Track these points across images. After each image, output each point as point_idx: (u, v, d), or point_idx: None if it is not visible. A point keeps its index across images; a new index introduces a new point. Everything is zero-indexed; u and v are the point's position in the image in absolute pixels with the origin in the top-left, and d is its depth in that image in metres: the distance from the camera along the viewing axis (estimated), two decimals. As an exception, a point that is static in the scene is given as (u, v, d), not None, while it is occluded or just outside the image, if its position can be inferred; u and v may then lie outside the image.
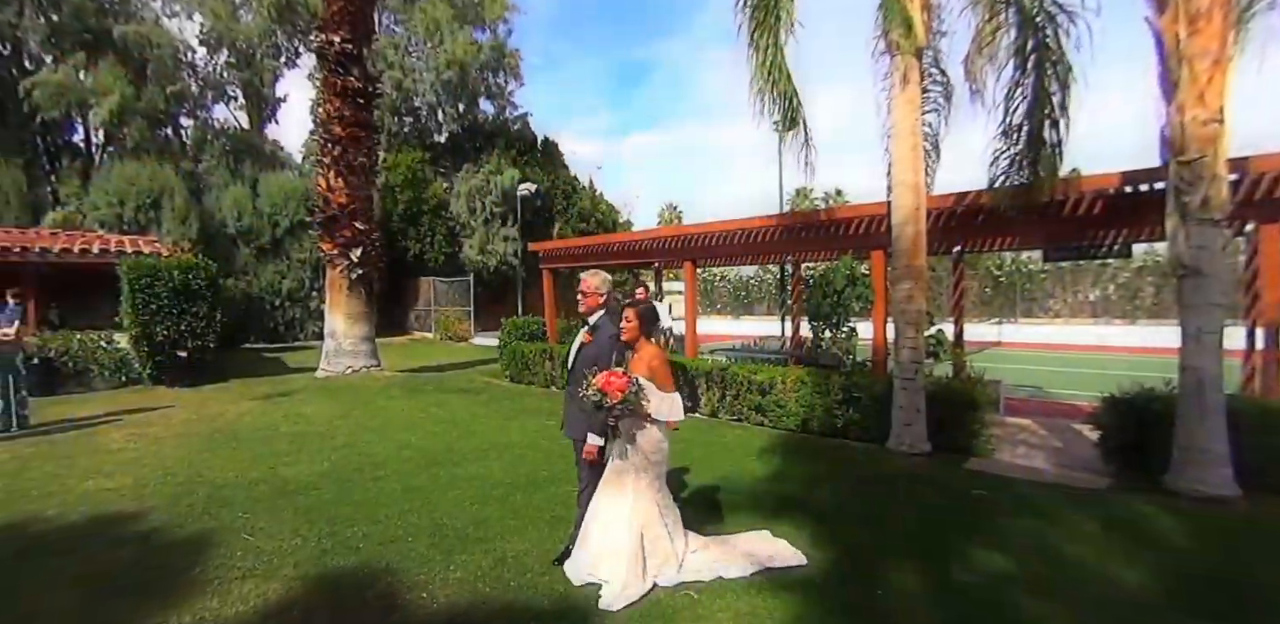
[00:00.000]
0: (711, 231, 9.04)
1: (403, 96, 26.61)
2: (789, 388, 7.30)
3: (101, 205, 18.88)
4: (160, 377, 11.10)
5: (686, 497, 5.00)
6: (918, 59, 6.25)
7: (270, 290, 20.70)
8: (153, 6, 24.17)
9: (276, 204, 20.97)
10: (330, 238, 12.11)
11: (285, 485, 5.45)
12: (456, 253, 24.65)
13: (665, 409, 3.51)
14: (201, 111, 25.22)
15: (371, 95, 12.85)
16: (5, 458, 6.52)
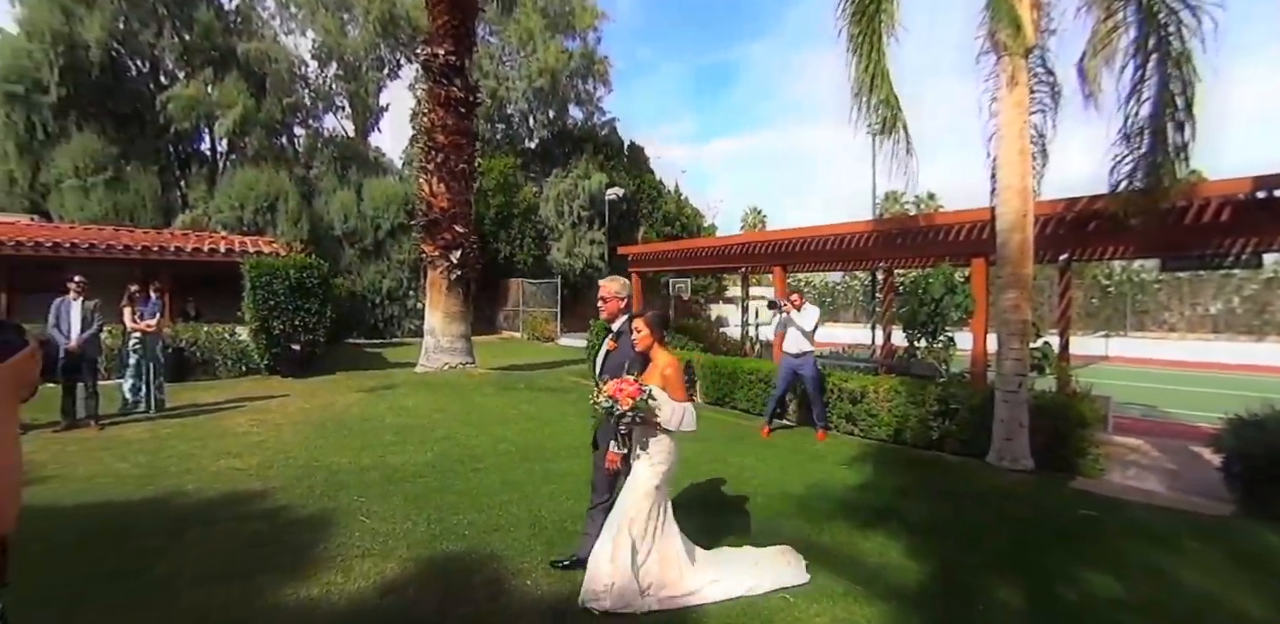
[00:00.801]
0: (803, 237, 8.99)
1: (496, 104, 27.61)
2: (881, 397, 7.18)
3: (225, 208, 20.49)
4: (276, 367, 11.95)
5: (777, 502, 5.02)
6: (1025, 59, 6.04)
7: (372, 289, 21.87)
8: (272, 25, 26.01)
9: (379, 208, 22.17)
10: (432, 241, 12.70)
11: (394, 473, 5.79)
12: (545, 255, 25.36)
13: (677, 419, 3.38)
14: (313, 121, 26.92)
15: (472, 104, 13.40)
16: (146, 437, 7.19)
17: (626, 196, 25.10)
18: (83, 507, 4.82)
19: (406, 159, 27.51)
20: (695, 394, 9.74)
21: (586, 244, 25.63)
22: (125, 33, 21.20)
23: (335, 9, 26.00)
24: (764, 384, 8.50)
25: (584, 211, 25.91)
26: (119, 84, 21.46)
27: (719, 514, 4.71)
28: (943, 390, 6.78)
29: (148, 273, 12.48)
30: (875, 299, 16.49)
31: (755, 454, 6.52)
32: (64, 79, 19.58)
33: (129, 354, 8.58)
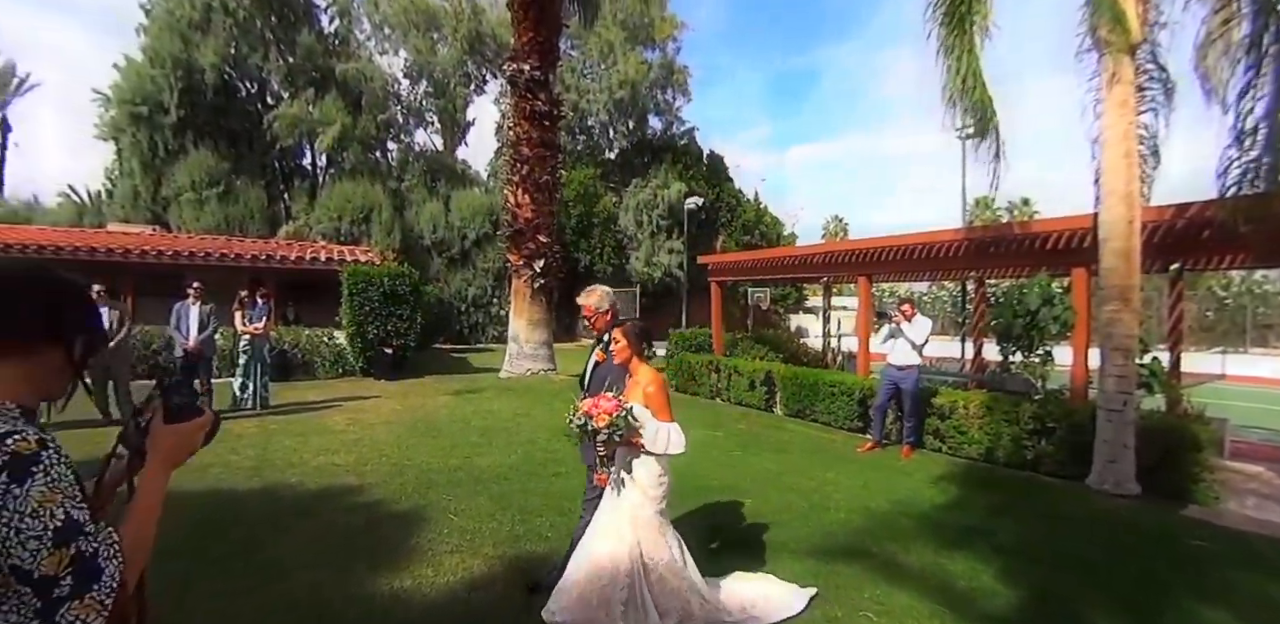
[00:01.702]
0: (889, 246, 8.76)
1: (577, 116, 28.19)
2: (972, 413, 6.90)
3: (324, 219, 21.75)
4: (369, 370, 12.56)
5: (859, 518, 4.91)
6: (1130, 56, 5.71)
7: (459, 296, 22.68)
8: (367, 46, 27.60)
9: (466, 218, 23.02)
10: (516, 250, 13.09)
11: (480, 474, 5.98)
12: (624, 264, 25.65)
13: (662, 441, 3.08)
14: (404, 136, 28.27)
15: (555, 117, 13.75)
16: (255, 432, 7.68)
17: (705, 205, 25.11)
18: (197, 494, 5.20)
19: (492, 171, 28.46)
20: (777, 406, 9.63)
21: (665, 253, 25.77)
22: (236, 57, 22.96)
23: (426, 29, 27.27)
24: (846, 397, 8.32)
25: (663, 221, 26.09)
26: (231, 104, 23.23)
27: (797, 528, 4.65)
28: (1039, 408, 6.46)
29: (255, 279, 13.38)
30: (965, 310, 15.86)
31: (837, 468, 6.39)
32: (182, 101, 21.45)
33: (239, 355, 9.22)
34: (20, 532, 1.00)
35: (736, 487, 5.63)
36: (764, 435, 8.03)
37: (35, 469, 1.03)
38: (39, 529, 1.02)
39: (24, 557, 1.01)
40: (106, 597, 1.06)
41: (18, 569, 1.01)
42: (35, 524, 1.01)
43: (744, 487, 5.63)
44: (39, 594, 1.02)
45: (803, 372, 9.44)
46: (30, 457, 1.03)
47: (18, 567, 1.01)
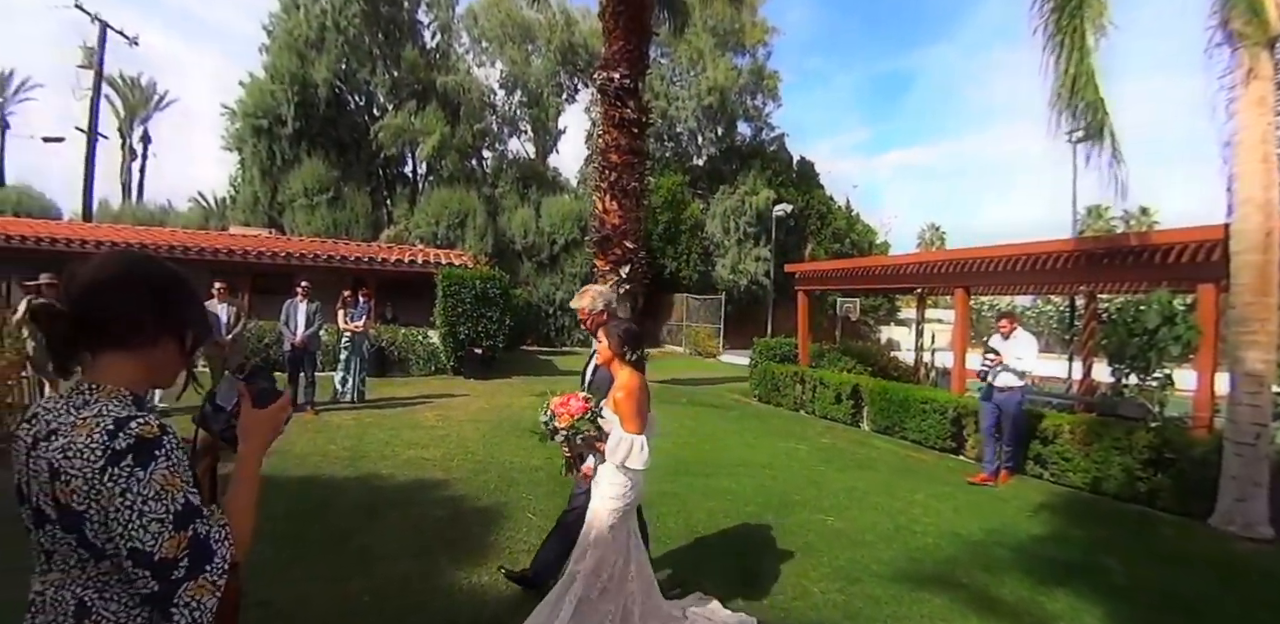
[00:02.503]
0: (989, 256, 8.32)
1: (666, 123, 28.32)
2: (1078, 439, 6.43)
3: (422, 224, 22.72)
4: (460, 368, 13.00)
5: (948, 545, 4.66)
6: (1269, 50, 5.20)
7: (546, 300, 23.19)
8: (466, 59, 28.72)
9: (555, 224, 23.54)
10: (603, 255, 13.23)
11: (558, 475, 6.04)
12: (709, 271, 25.53)
13: (621, 453, 2.88)
14: (499, 144, 29.18)
15: (644, 125, 13.83)
16: (351, 423, 8.07)
17: (794, 213, 24.68)
18: (296, 480, 5.52)
19: (581, 178, 28.99)
20: (864, 421, 9.32)
21: (752, 261, 25.50)
22: (346, 72, 24.42)
23: (521, 41, 28.12)
24: (938, 415, 7.95)
25: (750, 228, 25.84)
26: (341, 116, 24.69)
27: (880, 550, 4.46)
28: (1156, 436, 5.94)
29: (358, 280, 14.11)
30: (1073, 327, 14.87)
31: (926, 490, 6.10)
32: (298, 114, 22.97)
33: (341, 350, 9.73)
34: (143, 514, 1.02)
35: (819, 503, 5.47)
36: (849, 451, 7.77)
37: (158, 453, 1.05)
38: (161, 512, 1.03)
39: (145, 539, 1.02)
40: (219, 577, 1.08)
41: (138, 552, 1.02)
42: (158, 507, 1.03)
43: (826, 503, 5.47)
44: (157, 577, 1.03)
45: (893, 386, 9.09)
46: (154, 441, 1.05)
47: (138, 549, 1.02)
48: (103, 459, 1.02)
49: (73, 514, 1.03)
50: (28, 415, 1.15)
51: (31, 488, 1.08)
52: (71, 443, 1.03)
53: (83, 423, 1.05)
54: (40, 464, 1.05)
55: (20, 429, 1.13)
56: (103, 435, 1.03)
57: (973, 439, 7.52)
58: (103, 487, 1.01)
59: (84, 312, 1.12)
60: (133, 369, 1.18)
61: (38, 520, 1.08)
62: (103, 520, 1.03)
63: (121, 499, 1.01)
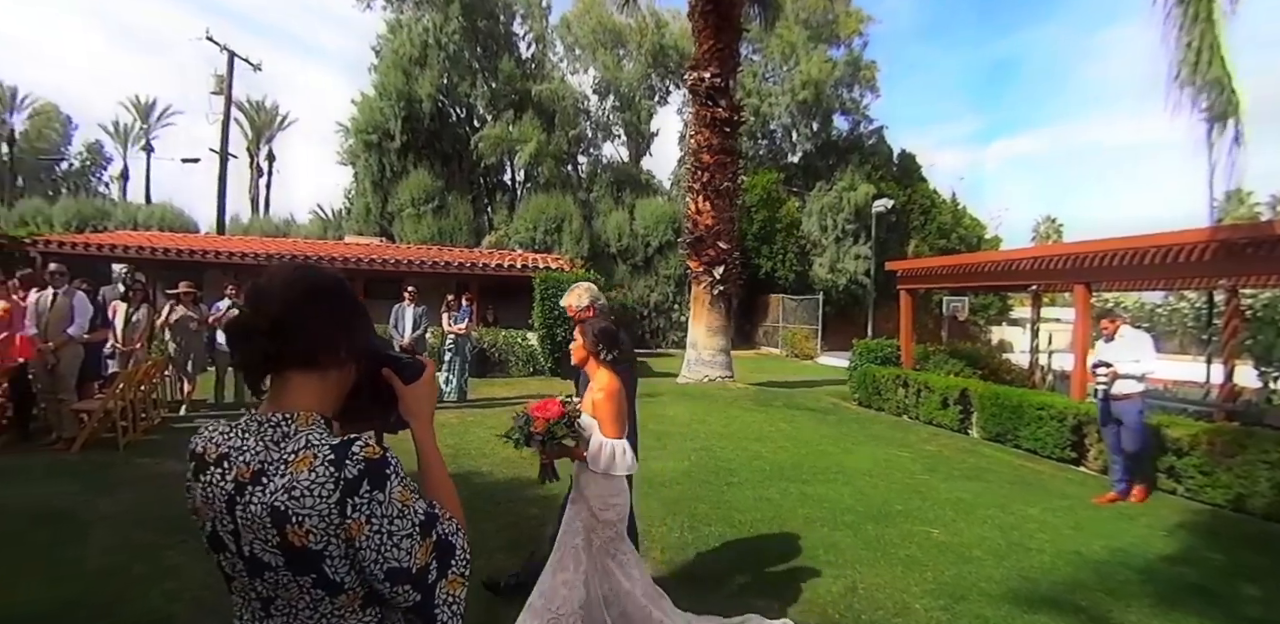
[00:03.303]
0: (1114, 249, 7.66)
1: (759, 121, 27.92)
2: (1219, 451, 5.80)
3: (521, 230, 23.45)
4: (557, 370, 13.30)
5: (1067, 564, 4.32)
6: None
7: (641, 302, 23.39)
8: (560, 67, 29.45)
9: (649, 226, 23.71)
10: (696, 257, 13.22)
11: (653, 477, 6.06)
12: (806, 271, 24.97)
13: (603, 458, 2.76)
14: (593, 150, 29.74)
15: (736, 123, 13.72)
16: (455, 421, 8.39)
17: (895, 208, 23.70)
18: (406, 477, 5.83)
19: (674, 180, 29.06)
20: (973, 428, 8.83)
21: (851, 259, 24.73)
22: (448, 86, 25.51)
23: (613, 46, 28.51)
24: (1055, 422, 7.40)
25: (849, 225, 25.07)
26: (444, 129, 25.85)
27: (990, 567, 4.19)
28: (1316, 448, 5.30)
29: (461, 285, 14.74)
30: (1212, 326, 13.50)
31: (1043, 503, 5.69)
32: (404, 128, 24.28)
33: (445, 352, 10.18)
34: (393, 535, 1.00)
35: (922, 514, 5.22)
36: (956, 459, 7.38)
37: (389, 472, 1.02)
38: (408, 528, 1.02)
39: (400, 557, 1.00)
40: (465, 568, 1.08)
41: (396, 571, 1.00)
42: (405, 524, 1.01)
43: (931, 515, 5.20)
44: (418, 587, 1.02)
45: (1005, 391, 8.56)
46: (381, 460, 1.02)
47: (396, 568, 1.00)
48: (337, 492, 0.97)
49: (309, 555, 0.98)
50: (208, 456, 1.08)
51: (243, 536, 1.01)
52: (295, 482, 0.98)
53: (297, 459, 1.00)
54: (256, 510, 0.99)
55: (205, 476, 1.07)
56: (327, 468, 0.98)
57: (1095, 449, 6.95)
58: (345, 520, 0.97)
59: (280, 328, 1.06)
60: (319, 391, 1.11)
61: (253, 569, 1.02)
62: (344, 554, 0.99)
63: (369, 527, 0.98)
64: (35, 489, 5.23)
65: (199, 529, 1.09)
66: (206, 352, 9.02)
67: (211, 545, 1.07)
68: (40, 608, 3.33)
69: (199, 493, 1.07)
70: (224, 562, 1.07)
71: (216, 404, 8.96)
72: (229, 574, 1.08)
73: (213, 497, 1.04)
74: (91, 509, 4.79)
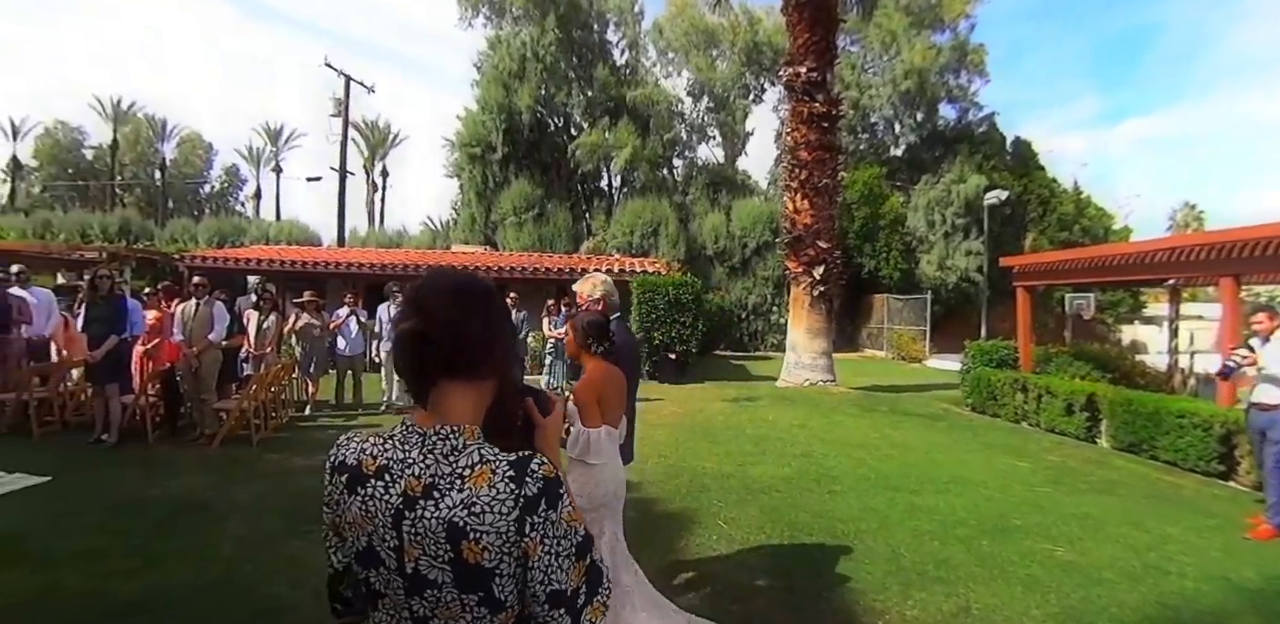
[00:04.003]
0: (1268, 237, 6.88)
1: (859, 114, 27.05)
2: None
3: (618, 234, 23.77)
4: (654, 373, 13.37)
5: (1214, 591, 3.88)
6: None
7: (738, 304, 23.16)
8: (653, 72, 29.67)
9: (746, 227, 23.45)
10: (795, 257, 12.93)
11: (751, 483, 5.98)
12: (913, 269, 23.90)
13: (580, 446, 2.88)
14: (688, 152, 29.72)
15: (835, 118, 13.34)
16: (559, 429, 8.63)
17: (1010, 200, 22.25)
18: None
19: (771, 179, 28.62)
20: (1102, 437, 8.15)
21: (961, 255, 23.45)
22: (545, 97, 26.22)
23: (705, 47, 28.44)
24: (1200, 431, 6.69)
25: (958, 219, 23.79)
26: (542, 139, 26.63)
27: (1123, 591, 3.83)
28: None
29: (561, 290, 15.09)
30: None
31: (1185, 522, 5.15)
32: (505, 140, 25.20)
33: (545, 355, 10.46)
34: (559, 555, 0.98)
35: (1045, 530, 4.85)
36: (1083, 471, 6.82)
37: (562, 491, 1.00)
38: (570, 549, 1.00)
39: (562, 579, 0.98)
40: (608, 594, 1.04)
41: (557, 593, 0.98)
42: (568, 545, 0.99)
43: (1054, 531, 4.82)
44: (569, 610, 0.99)
45: (1139, 396, 7.84)
46: (556, 480, 1.00)
47: (557, 590, 0.98)
48: (516, 510, 0.96)
49: (481, 573, 0.97)
50: (365, 468, 1.05)
51: (408, 552, 0.99)
52: (475, 498, 0.97)
53: (474, 474, 0.99)
54: (430, 525, 0.97)
55: (364, 489, 1.03)
56: (507, 484, 0.97)
57: (1247, 462, 6.24)
58: (523, 538, 0.96)
59: (452, 335, 1.04)
60: (476, 402, 1.08)
61: (414, 586, 0.99)
62: (512, 573, 0.98)
63: (542, 546, 0.97)
64: (181, 480, 5.78)
65: (348, 544, 1.07)
66: (328, 356, 9.67)
67: (363, 562, 1.04)
68: (185, 589, 3.65)
69: (356, 507, 1.03)
70: (374, 578, 1.03)
71: (337, 405, 9.54)
72: (378, 591, 1.04)
73: (375, 510, 1.01)
74: (227, 499, 5.24)
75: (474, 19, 26.85)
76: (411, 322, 1.04)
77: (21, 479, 5.54)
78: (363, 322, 9.76)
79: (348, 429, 5.68)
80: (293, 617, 3.38)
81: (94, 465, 6.18)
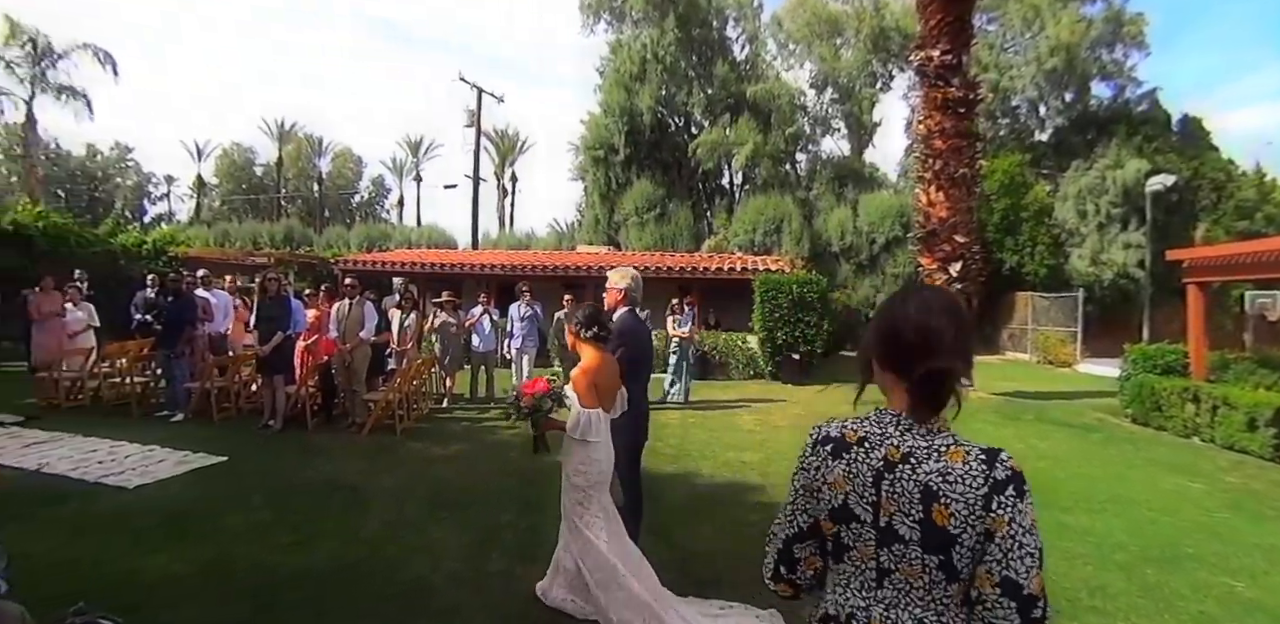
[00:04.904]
0: None
1: (998, 98, 25.19)
2: None
3: (740, 232, 23.54)
4: (778, 374, 13.16)
5: None
6: None
7: (866, 303, 22.28)
8: (774, 65, 29.14)
9: (874, 222, 22.57)
10: (929, 253, 12.28)
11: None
12: (1061, 264, 21.95)
13: (581, 426, 3.24)
14: (811, 146, 28.92)
15: (972, 103, 12.55)
16: (676, 423, 8.68)
17: (1177, 185, 19.91)
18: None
19: (902, 171, 27.39)
20: None
21: (1118, 249, 21.27)
22: (666, 97, 26.51)
23: (829, 36, 27.57)
24: None
25: (1114, 209, 21.58)
26: (663, 139, 26.91)
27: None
28: None
29: (683, 289, 15.14)
30: None
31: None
32: (628, 141, 25.70)
33: (670, 355, 10.54)
34: (1021, 546, 1.07)
35: (1223, 561, 4.35)
36: (1269, 496, 6.02)
37: (1027, 488, 1.11)
38: (1033, 548, 1.08)
39: (1020, 571, 1.07)
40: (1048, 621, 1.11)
41: (1010, 582, 1.07)
42: (1031, 542, 1.09)
43: (1234, 563, 4.32)
44: (1021, 611, 1.07)
45: (1342, 410, 6.83)
46: (1022, 475, 1.11)
47: (1011, 580, 1.07)
48: (986, 487, 1.09)
49: (945, 536, 1.09)
50: (848, 438, 1.24)
51: (883, 508, 1.15)
52: (949, 468, 1.11)
53: (949, 451, 1.14)
54: (907, 486, 1.13)
55: (848, 454, 1.21)
56: (980, 464, 1.11)
57: None
58: (989, 514, 1.08)
59: (957, 345, 1.19)
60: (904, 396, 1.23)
61: (884, 539, 1.15)
62: (973, 546, 1.09)
63: (1009, 528, 1.08)
64: (334, 464, 6.37)
65: (821, 503, 1.25)
66: (464, 352, 10.25)
67: (836, 518, 1.22)
68: (336, 566, 4.03)
69: (839, 470, 1.21)
70: (844, 533, 1.21)
71: (471, 398, 10.08)
72: (845, 545, 1.21)
73: (858, 472, 1.19)
74: (374, 484, 5.73)
75: (595, 25, 27.57)
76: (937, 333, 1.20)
77: (204, 458, 6.35)
78: (495, 320, 10.28)
79: (481, 421, 6.15)
80: (433, 599, 3.63)
81: (261, 448, 6.95)
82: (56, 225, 16.34)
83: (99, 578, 3.71)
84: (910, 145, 25.65)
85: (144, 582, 3.72)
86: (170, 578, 3.79)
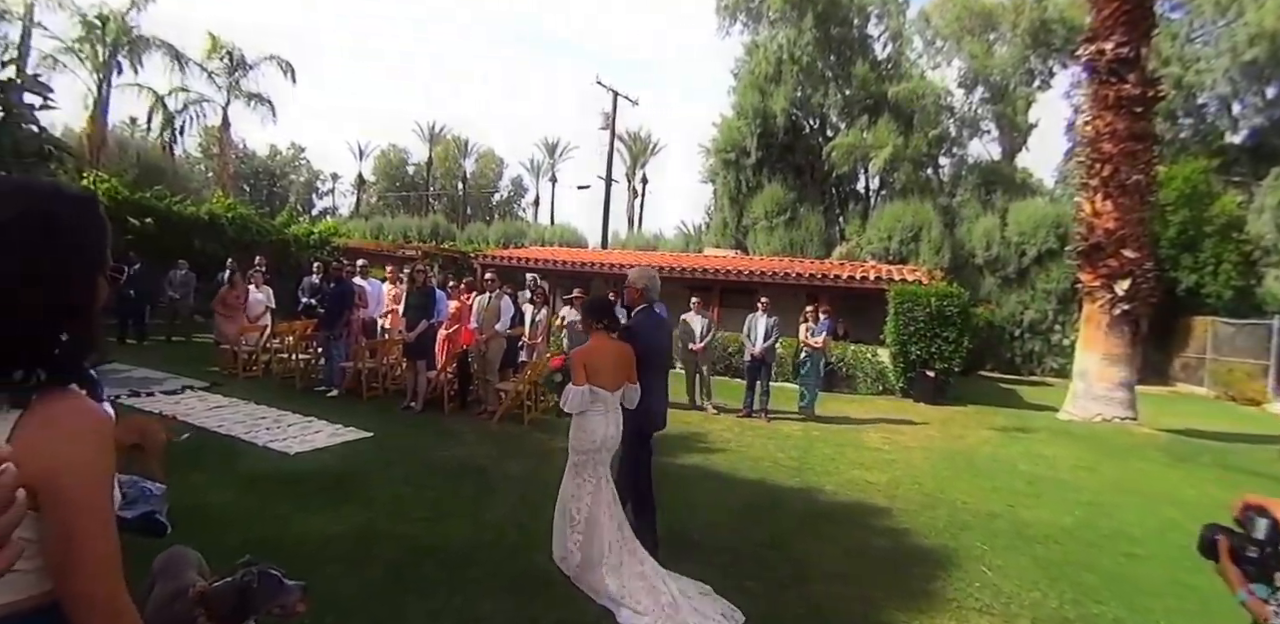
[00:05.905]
0: None
1: (1180, 95, 22.58)
2: None
3: (874, 240, 22.50)
4: (909, 391, 12.39)
5: None
6: None
7: (1011, 320, 20.68)
8: (918, 64, 27.58)
9: (1025, 233, 20.84)
10: (1091, 268, 11.14)
11: (1023, 529, 5.25)
12: (1252, 287, 19.27)
13: (566, 399, 3.74)
14: (957, 149, 27.11)
15: (1151, 101, 11.27)
16: (799, 435, 8.39)
17: None
18: (749, 481, 6.07)
19: (1059, 177, 25.28)
20: None
21: (1326, 270, 18.50)
22: (801, 99, 25.75)
23: (981, 32, 25.89)
24: None
25: (1324, 224, 18.78)
26: (796, 141, 26.15)
27: None
28: None
29: (810, 296, 14.67)
30: None
31: None
32: (759, 144, 25.11)
33: (801, 364, 10.21)
34: None
35: None
36: None
37: None
38: None
39: None
40: None
41: None
42: None
43: None
44: None
45: None
46: None
47: None
48: None
49: None
50: None
51: None
52: None
53: None
54: None
55: None
56: None
57: None
58: None
59: None
60: None
61: None
62: None
63: None
64: (467, 448, 6.67)
65: None
66: None
67: None
68: (465, 544, 4.18)
69: None
70: None
71: None
72: None
73: None
74: (501, 470, 5.93)
75: (731, 27, 27.21)
76: None
77: (354, 432, 6.85)
78: (623, 320, 10.37)
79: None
80: (548, 589, 3.66)
81: (403, 426, 7.37)
82: (243, 216, 18.60)
83: (258, 531, 4.10)
84: (1072, 148, 23.54)
85: (295, 539, 4.05)
86: (322, 538, 4.11)
